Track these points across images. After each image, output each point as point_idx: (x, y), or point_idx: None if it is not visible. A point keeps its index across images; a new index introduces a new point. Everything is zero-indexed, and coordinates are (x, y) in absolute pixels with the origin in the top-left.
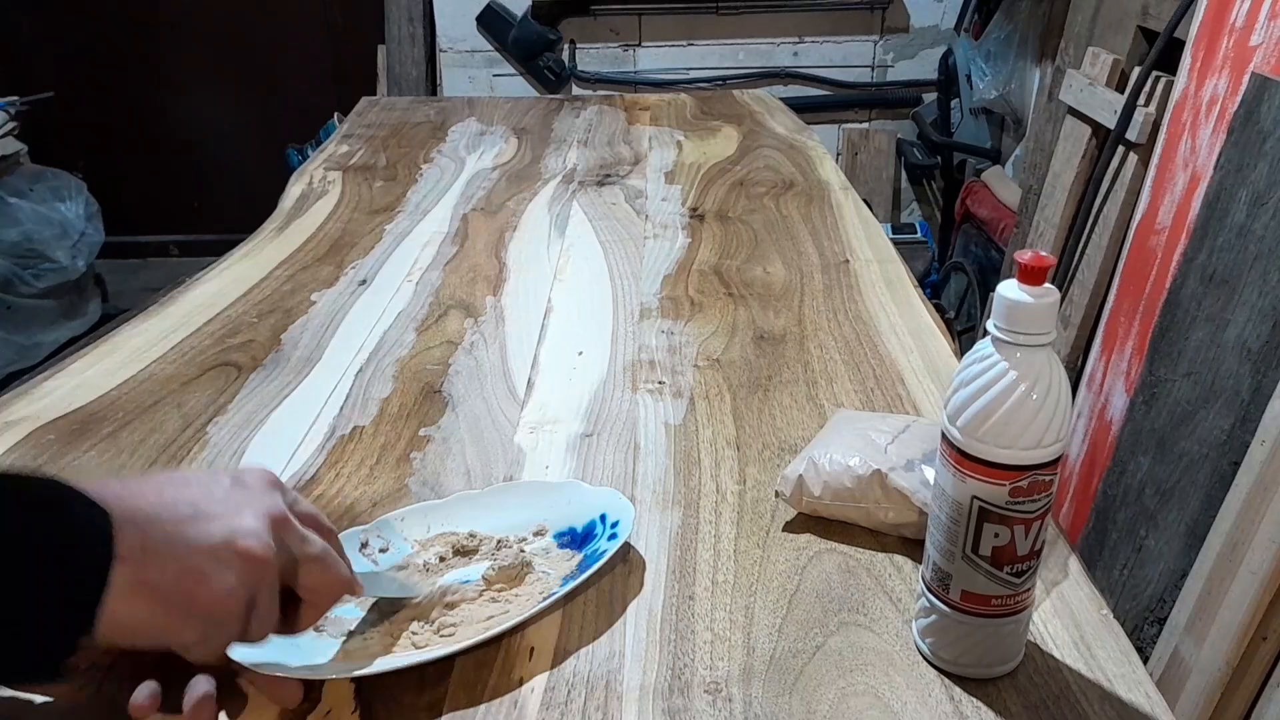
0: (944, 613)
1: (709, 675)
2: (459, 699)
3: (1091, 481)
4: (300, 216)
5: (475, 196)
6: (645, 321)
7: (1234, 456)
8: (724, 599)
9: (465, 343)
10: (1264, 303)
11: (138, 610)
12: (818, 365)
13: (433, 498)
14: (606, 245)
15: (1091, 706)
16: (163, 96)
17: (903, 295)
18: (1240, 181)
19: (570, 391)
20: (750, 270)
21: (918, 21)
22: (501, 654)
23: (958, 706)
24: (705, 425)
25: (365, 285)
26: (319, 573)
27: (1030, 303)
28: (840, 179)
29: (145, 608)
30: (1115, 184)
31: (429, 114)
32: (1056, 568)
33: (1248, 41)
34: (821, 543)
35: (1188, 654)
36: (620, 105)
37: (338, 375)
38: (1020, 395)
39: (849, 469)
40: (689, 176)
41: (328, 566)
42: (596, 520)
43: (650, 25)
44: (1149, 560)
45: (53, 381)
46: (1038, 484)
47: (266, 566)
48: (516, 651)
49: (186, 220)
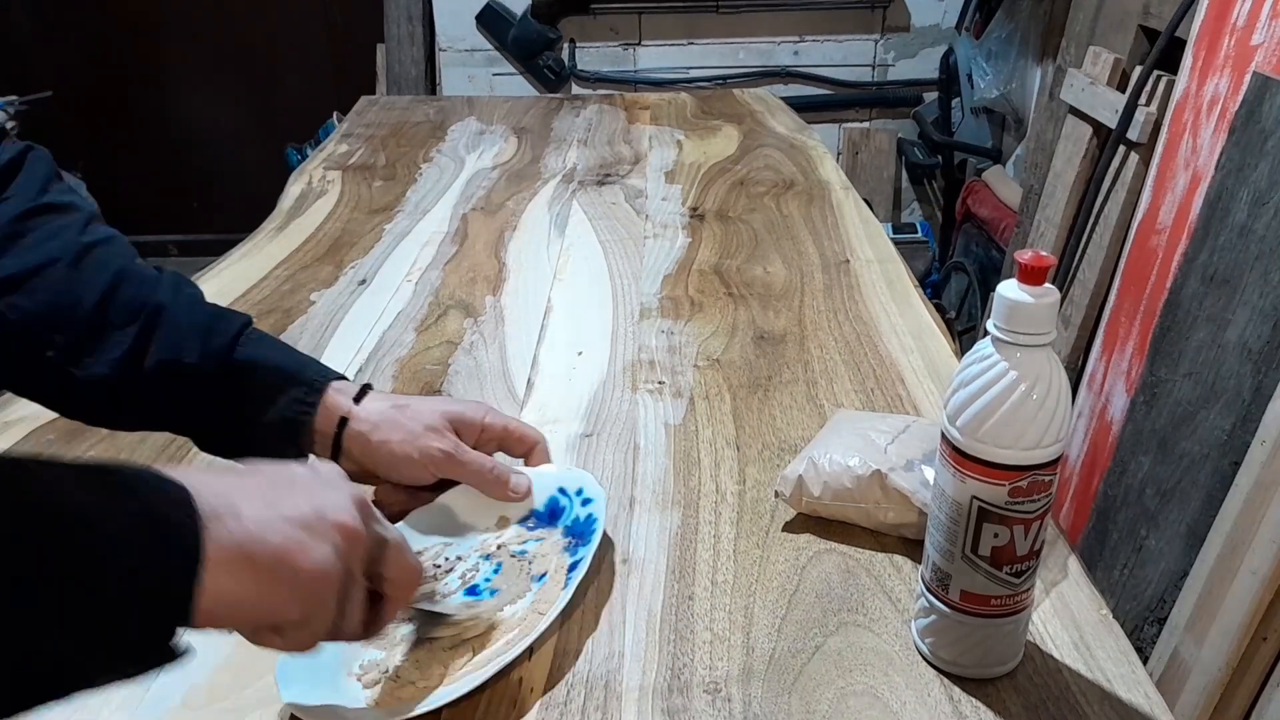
0: (943, 613)
1: (708, 675)
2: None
3: (1091, 481)
4: (299, 216)
5: (475, 196)
6: (645, 321)
7: (1234, 457)
8: (723, 599)
9: (465, 343)
10: (1265, 303)
11: (239, 582)
12: (818, 365)
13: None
14: (606, 245)
15: (1091, 707)
16: (163, 96)
17: (903, 295)
18: (1241, 181)
19: (570, 391)
20: (750, 270)
21: (919, 21)
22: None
23: (957, 706)
24: (705, 425)
25: (365, 285)
26: (401, 558)
27: (1030, 303)
28: (841, 178)
29: (247, 578)
30: (1116, 184)
31: (428, 113)
32: (1056, 568)
33: (1249, 41)
34: (821, 543)
35: (1188, 654)
36: (620, 104)
37: None
38: (1020, 395)
39: (849, 469)
40: (689, 176)
41: (405, 553)
42: (556, 494)
43: (650, 24)
44: (1149, 560)
45: None
46: (1037, 484)
47: (359, 541)
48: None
49: (186, 220)
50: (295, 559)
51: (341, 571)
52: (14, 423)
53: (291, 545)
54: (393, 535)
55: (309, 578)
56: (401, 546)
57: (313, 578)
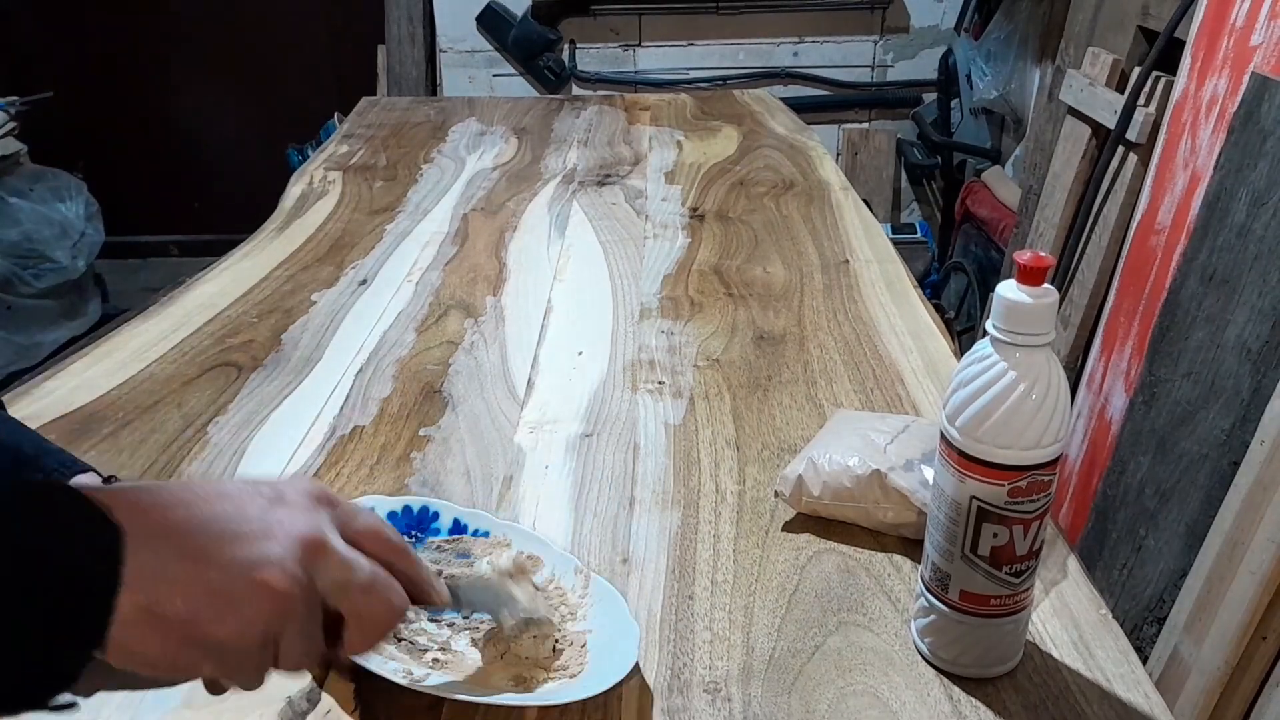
0: (943, 612)
1: (708, 675)
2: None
3: (1091, 481)
4: (300, 216)
5: (475, 196)
6: (645, 321)
7: (1234, 456)
8: (723, 599)
9: (465, 343)
10: (1264, 303)
11: (146, 642)
12: (817, 365)
13: (432, 498)
14: (606, 245)
15: (1090, 706)
16: (163, 96)
17: (902, 295)
18: (1240, 181)
19: (570, 391)
20: (750, 270)
21: (918, 21)
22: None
23: (956, 706)
24: (705, 425)
25: (365, 285)
26: (362, 601)
27: (1029, 303)
28: (840, 179)
29: (155, 639)
30: (1115, 184)
31: (429, 114)
32: (1056, 568)
33: (1248, 41)
34: (821, 542)
35: (1187, 654)
36: (620, 105)
37: (338, 375)
38: (1019, 395)
39: (848, 469)
40: (689, 176)
41: (373, 594)
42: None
43: (650, 25)
44: (1148, 560)
45: (53, 381)
46: (1037, 484)
47: (288, 600)
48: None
49: (186, 220)
50: (204, 625)
51: (261, 633)
52: None
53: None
54: (357, 576)
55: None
56: (367, 587)
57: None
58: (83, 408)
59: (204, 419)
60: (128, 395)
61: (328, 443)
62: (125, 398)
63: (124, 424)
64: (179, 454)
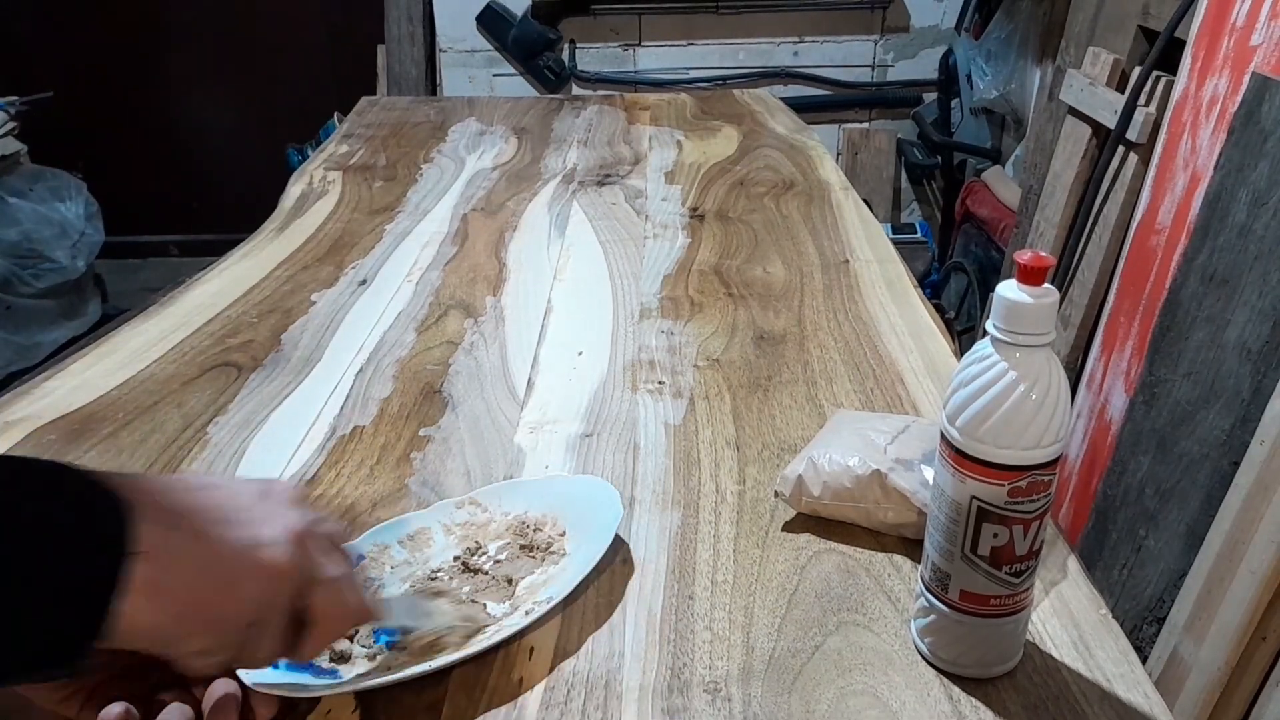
0: (943, 612)
1: (708, 675)
2: (459, 699)
3: (1091, 481)
4: (300, 216)
5: (475, 196)
6: (645, 321)
7: (1234, 456)
8: (723, 599)
9: (465, 343)
10: (1264, 303)
11: (152, 612)
12: (817, 365)
13: (433, 498)
14: (606, 245)
15: (1090, 706)
16: (163, 96)
17: (903, 295)
18: (1241, 181)
19: (570, 391)
20: (750, 270)
21: (918, 21)
22: (501, 654)
23: (956, 706)
24: (705, 425)
25: (365, 285)
26: (334, 597)
27: (1030, 303)
28: (840, 179)
29: (160, 610)
30: (1115, 184)
31: (429, 114)
32: (1056, 568)
33: (1248, 41)
34: (821, 543)
35: (1187, 654)
36: (620, 105)
37: (338, 375)
38: (1019, 395)
39: (848, 469)
40: (689, 176)
41: (343, 592)
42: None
43: (650, 25)
44: (1148, 560)
45: (53, 382)
46: (1037, 484)
47: (283, 582)
48: (516, 651)
49: (186, 220)
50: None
51: (255, 611)
52: (14, 423)
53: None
54: (332, 572)
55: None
56: (339, 583)
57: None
58: (82, 408)
59: (204, 419)
60: (127, 395)
61: (328, 443)
62: (125, 398)
63: (124, 424)
64: (179, 454)
